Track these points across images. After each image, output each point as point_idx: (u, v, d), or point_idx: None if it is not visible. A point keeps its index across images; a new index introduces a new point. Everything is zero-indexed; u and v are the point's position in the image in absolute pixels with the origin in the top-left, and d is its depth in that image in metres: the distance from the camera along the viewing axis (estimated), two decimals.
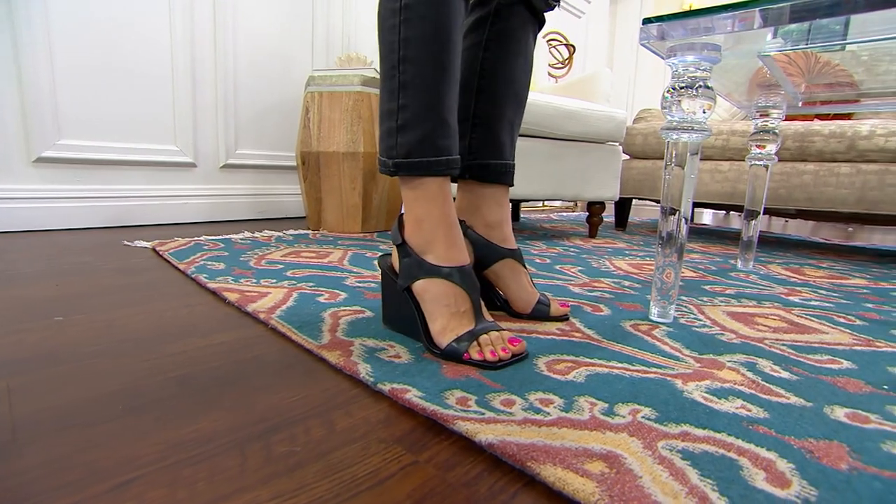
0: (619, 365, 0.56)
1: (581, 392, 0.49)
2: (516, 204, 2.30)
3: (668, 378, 0.53)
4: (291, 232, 1.55)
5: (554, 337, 0.65)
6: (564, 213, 3.14)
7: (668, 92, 0.68)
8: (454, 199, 0.67)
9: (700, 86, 0.65)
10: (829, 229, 2.85)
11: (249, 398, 0.46)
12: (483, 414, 0.43)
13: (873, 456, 0.40)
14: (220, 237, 1.38)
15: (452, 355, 0.56)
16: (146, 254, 1.16)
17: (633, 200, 2.03)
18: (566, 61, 2.72)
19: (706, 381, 0.53)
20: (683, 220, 0.71)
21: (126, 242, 1.29)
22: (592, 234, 1.74)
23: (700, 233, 2.18)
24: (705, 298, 0.91)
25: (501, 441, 0.38)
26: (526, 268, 0.75)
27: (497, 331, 0.57)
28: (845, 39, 0.69)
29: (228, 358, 0.55)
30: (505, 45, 0.71)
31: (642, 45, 0.68)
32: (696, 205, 1.81)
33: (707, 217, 3.33)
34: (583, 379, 0.52)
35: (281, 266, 1.03)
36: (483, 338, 0.56)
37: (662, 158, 1.83)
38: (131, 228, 1.54)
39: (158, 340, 0.60)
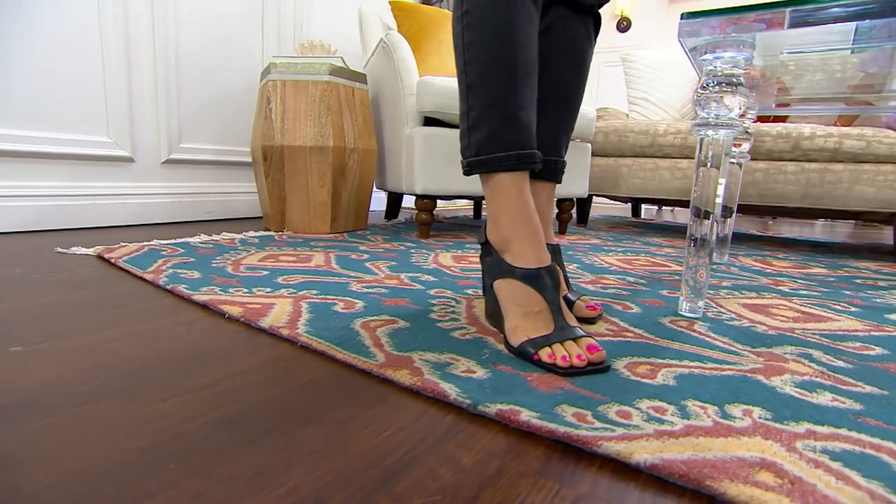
0: (693, 363, 0.55)
1: (683, 396, 0.46)
2: (478, 202, 2.29)
3: (748, 374, 0.53)
4: (253, 233, 1.41)
5: (610, 338, 0.63)
6: None
7: (703, 89, 0.68)
8: None
9: (738, 83, 0.66)
10: (748, 222, 3.14)
11: (331, 439, 0.38)
12: (613, 430, 0.39)
13: None
14: (175, 241, 1.23)
15: (522, 354, 0.54)
16: (91, 262, 1.00)
17: (593, 197, 2.09)
18: None
19: (785, 374, 0.53)
20: (716, 222, 0.71)
21: (60, 249, 1.10)
22: (563, 230, 1.76)
23: (656, 227, 2.30)
24: (712, 291, 0.93)
25: (663, 461, 0.35)
26: (563, 265, 0.73)
27: (576, 337, 0.54)
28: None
29: (272, 388, 0.47)
30: (548, 45, 0.70)
31: (680, 39, 0.68)
32: (655, 201, 1.90)
33: (654, 213, 3.53)
34: (673, 381, 0.50)
35: (266, 272, 0.92)
36: (556, 345, 0.53)
37: (622, 156, 1.90)
38: (57, 233, 1.33)
39: (169, 371, 0.50)
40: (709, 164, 0.69)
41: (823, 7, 0.64)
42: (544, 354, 0.52)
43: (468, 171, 0.62)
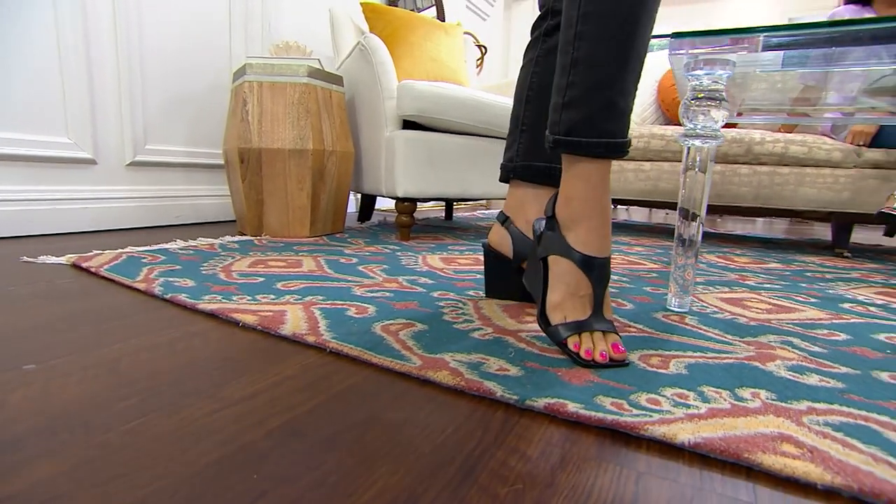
0: (696, 354, 0.61)
1: (697, 383, 0.51)
2: (450, 204, 2.32)
3: (745, 361, 0.59)
4: (230, 238, 1.38)
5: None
6: (487, 211, 3.24)
7: (690, 102, 0.74)
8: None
9: (721, 97, 0.73)
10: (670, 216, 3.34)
11: (397, 440, 0.40)
12: (650, 416, 0.43)
13: None
14: (153, 248, 1.18)
15: (554, 334, 0.58)
16: (67, 272, 0.95)
17: None
18: (479, 62, 2.79)
19: (777, 360, 0.59)
20: (701, 224, 0.78)
21: (27, 259, 1.04)
22: None
23: (619, 226, 2.41)
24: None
25: (704, 440, 0.39)
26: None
27: (606, 332, 0.58)
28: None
29: (317, 395, 0.48)
30: (551, 61, 0.72)
31: (670, 56, 0.73)
32: (621, 201, 2.00)
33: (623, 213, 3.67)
34: (685, 370, 0.55)
35: (261, 279, 0.92)
36: (585, 334, 0.56)
37: None
38: (15, 241, 1.24)
39: (203, 383, 0.50)
40: (696, 168, 0.75)
41: (791, 34, 0.72)
42: (572, 342, 0.56)
43: (552, 147, 0.60)
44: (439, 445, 0.39)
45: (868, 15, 1.66)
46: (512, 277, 0.80)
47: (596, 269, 0.59)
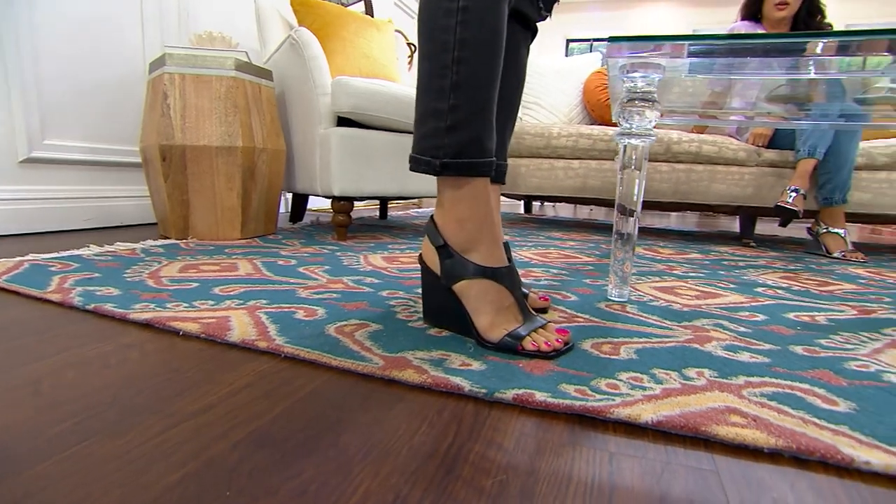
0: (642, 339, 0.64)
1: (648, 366, 0.55)
2: (384, 203, 2.29)
3: (686, 344, 0.63)
4: (153, 242, 1.27)
5: (566, 324, 0.70)
6: (419, 210, 3.23)
7: (626, 103, 0.79)
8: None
9: (654, 99, 0.78)
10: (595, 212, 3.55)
11: (373, 442, 0.39)
12: (613, 399, 0.46)
13: (849, 374, 0.55)
14: (62, 255, 1.06)
15: (507, 347, 0.58)
16: None
17: None
18: (409, 59, 2.79)
19: (713, 342, 0.64)
20: (637, 219, 0.83)
21: None
22: None
23: (549, 222, 2.50)
24: None
25: (665, 417, 0.42)
26: (511, 261, 0.79)
27: (543, 325, 0.60)
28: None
29: (279, 402, 0.45)
30: None
31: (607, 58, 0.77)
32: (551, 198, 2.08)
33: (538, 208, 3.80)
34: (635, 356, 0.58)
35: (196, 284, 0.85)
36: (533, 333, 0.58)
37: (520, 157, 2.04)
38: None
39: (149, 399, 0.45)
40: (632, 166, 0.80)
41: (710, 44, 0.79)
42: (527, 344, 0.57)
43: (439, 171, 0.60)
44: (416, 444, 0.39)
45: (760, 31, 1.85)
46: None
47: (508, 278, 0.61)
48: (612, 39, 0.76)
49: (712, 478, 0.36)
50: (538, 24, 0.78)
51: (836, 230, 1.61)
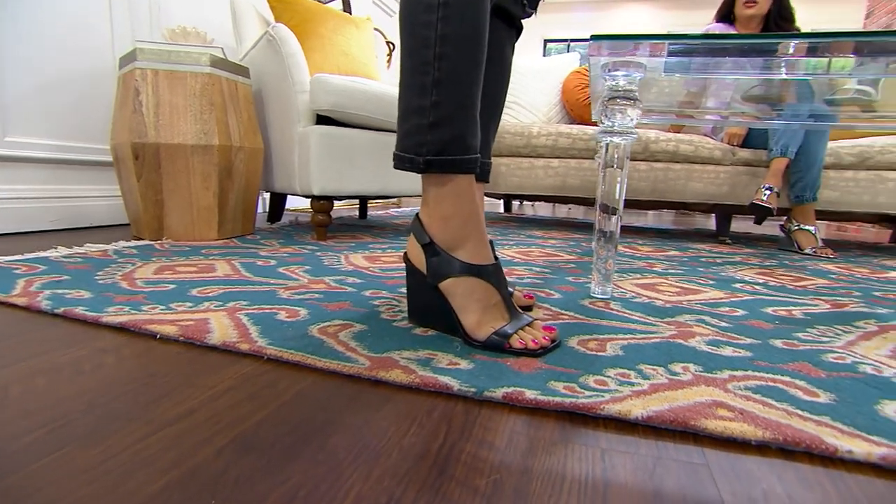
0: (626, 336, 0.65)
1: (634, 362, 0.55)
2: (364, 202, 2.27)
3: (670, 339, 0.64)
4: (125, 243, 1.23)
5: (552, 321, 0.70)
6: (399, 210, 3.21)
7: (608, 101, 0.79)
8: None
9: (635, 97, 0.78)
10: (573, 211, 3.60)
11: (362, 444, 0.38)
12: (602, 396, 0.46)
13: (827, 365, 0.57)
14: (26, 257, 1.02)
15: (494, 346, 0.57)
16: None
17: None
18: (388, 58, 2.77)
19: (697, 337, 0.65)
20: (619, 217, 0.83)
21: None
22: None
23: (528, 221, 2.52)
24: None
25: (655, 413, 0.42)
26: (497, 259, 0.79)
27: (530, 323, 0.60)
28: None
29: (264, 406, 0.44)
30: None
31: (589, 56, 0.78)
32: (531, 197, 2.09)
33: (517, 207, 3.82)
34: (621, 352, 0.59)
35: (172, 286, 0.83)
36: (520, 332, 0.58)
37: (500, 156, 2.05)
38: None
39: (127, 405, 0.44)
40: (614, 164, 0.81)
41: (690, 44, 0.80)
42: (515, 342, 0.57)
43: (423, 168, 0.59)
44: (406, 445, 0.38)
45: (733, 32, 1.89)
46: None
47: (495, 275, 0.61)
48: (594, 38, 0.76)
49: (703, 471, 0.36)
50: (523, 22, 0.78)
51: (807, 227, 1.66)
